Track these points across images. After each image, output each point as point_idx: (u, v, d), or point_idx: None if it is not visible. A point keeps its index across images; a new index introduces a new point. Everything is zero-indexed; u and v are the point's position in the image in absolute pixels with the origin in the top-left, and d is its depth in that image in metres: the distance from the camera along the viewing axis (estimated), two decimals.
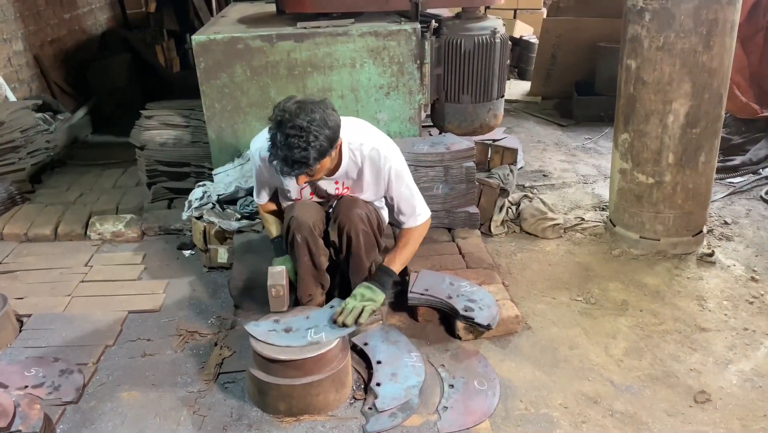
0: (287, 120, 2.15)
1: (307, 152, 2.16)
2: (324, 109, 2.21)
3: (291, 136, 2.14)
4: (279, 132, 2.16)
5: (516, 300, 2.94)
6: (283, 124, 2.16)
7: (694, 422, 2.29)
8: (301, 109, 2.17)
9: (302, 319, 2.46)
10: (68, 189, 4.30)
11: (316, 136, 2.16)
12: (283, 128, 2.15)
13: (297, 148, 2.14)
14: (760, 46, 4.46)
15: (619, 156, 3.38)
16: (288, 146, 2.15)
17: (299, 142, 2.14)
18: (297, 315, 2.49)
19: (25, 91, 5.12)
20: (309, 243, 2.52)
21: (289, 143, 2.14)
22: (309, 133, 2.14)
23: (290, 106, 2.18)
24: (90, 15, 6.47)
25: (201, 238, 3.27)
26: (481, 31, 3.51)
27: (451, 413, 2.30)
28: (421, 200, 2.59)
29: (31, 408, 2.19)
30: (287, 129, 2.14)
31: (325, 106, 2.24)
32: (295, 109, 2.17)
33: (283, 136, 2.15)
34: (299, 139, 2.14)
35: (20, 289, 3.20)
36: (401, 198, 2.54)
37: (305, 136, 2.14)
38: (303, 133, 2.14)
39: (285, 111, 2.17)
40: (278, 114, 2.19)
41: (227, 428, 2.28)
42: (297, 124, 2.14)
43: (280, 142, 2.16)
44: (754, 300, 2.98)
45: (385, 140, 2.51)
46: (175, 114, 4.00)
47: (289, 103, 2.20)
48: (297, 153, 2.15)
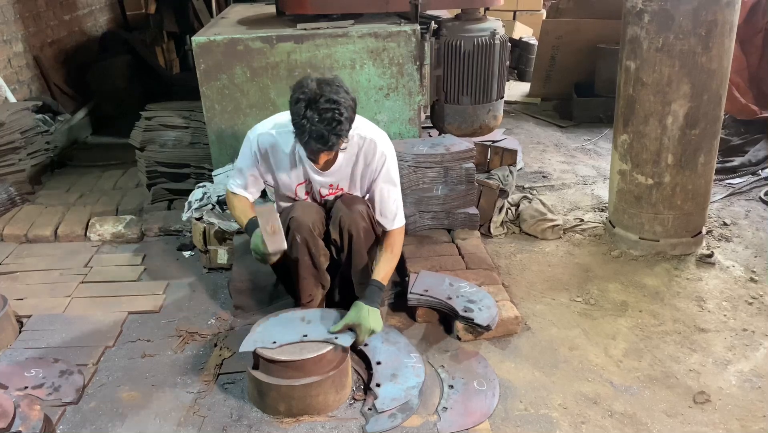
0: (318, 95, 2.18)
1: (341, 125, 2.20)
2: (343, 83, 2.27)
3: (325, 110, 2.17)
4: (309, 109, 2.17)
5: (515, 301, 2.94)
6: (313, 101, 2.17)
7: (694, 422, 2.30)
8: (326, 84, 2.21)
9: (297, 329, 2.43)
10: (68, 190, 4.30)
11: (345, 107, 2.21)
12: (314, 105, 2.17)
13: (334, 121, 2.18)
14: (759, 47, 4.47)
15: (618, 157, 3.38)
16: (323, 121, 2.17)
17: (335, 114, 2.18)
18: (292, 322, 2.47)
19: (25, 93, 5.12)
20: (309, 243, 2.52)
21: (323, 118, 2.17)
22: (341, 106, 2.19)
23: (312, 85, 2.21)
24: (90, 16, 6.48)
25: (201, 239, 3.27)
26: (480, 32, 3.52)
27: (451, 413, 2.30)
28: (401, 205, 2.59)
29: (31, 409, 2.19)
30: (321, 104, 2.17)
31: (341, 80, 2.29)
32: (318, 85, 2.21)
33: (316, 113, 2.17)
34: (335, 112, 2.17)
35: (20, 290, 3.20)
36: (388, 197, 2.52)
37: (338, 108, 2.18)
38: (335, 105, 2.18)
39: (310, 89, 2.20)
40: (303, 93, 2.20)
41: (227, 429, 2.28)
42: (329, 98, 2.18)
43: (312, 118, 2.17)
44: (753, 301, 2.98)
45: (384, 137, 2.52)
46: (175, 115, 4.01)
47: (310, 82, 2.22)
48: (335, 126, 2.19)
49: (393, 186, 2.54)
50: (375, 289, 2.44)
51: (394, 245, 2.56)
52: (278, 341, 2.33)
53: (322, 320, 2.45)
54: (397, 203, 2.56)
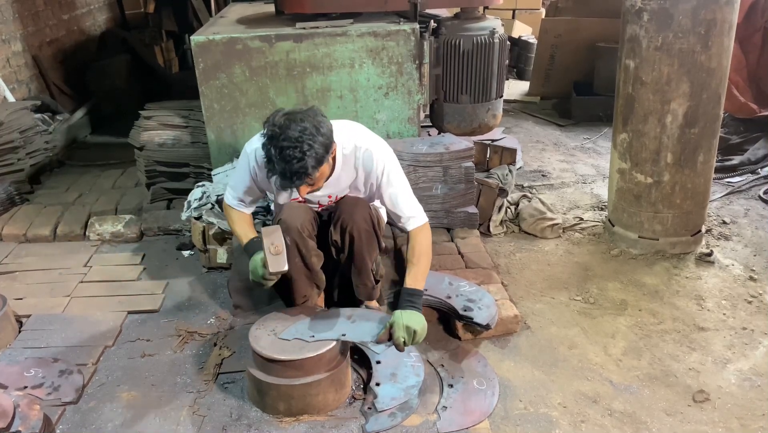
0: (278, 134, 2.14)
1: (304, 161, 2.15)
2: (314, 117, 2.21)
3: (285, 148, 2.13)
4: (272, 147, 2.15)
5: (515, 300, 2.94)
6: (275, 138, 2.15)
7: (693, 421, 2.30)
8: (291, 120, 2.17)
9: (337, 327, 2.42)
10: (67, 190, 4.30)
11: (310, 144, 2.15)
12: (276, 142, 2.14)
13: (294, 159, 2.13)
14: (758, 46, 4.47)
15: (617, 156, 3.38)
16: (284, 159, 2.13)
17: (294, 153, 2.13)
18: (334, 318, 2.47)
19: (23, 92, 5.11)
20: (298, 245, 2.50)
21: (284, 156, 2.13)
22: (303, 143, 2.13)
23: (279, 120, 2.17)
24: (89, 16, 6.47)
25: (200, 238, 3.27)
26: (479, 31, 3.52)
27: (451, 412, 2.30)
28: (415, 204, 2.52)
29: (30, 409, 2.19)
30: (281, 142, 2.13)
31: (314, 113, 2.23)
32: (284, 121, 2.16)
33: (278, 150, 2.14)
34: (294, 150, 2.13)
35: (19, 289, 3.20)
36: (396, 201, 2.48)
37: (299, 146, 2.13)
38: (297, 143, 2.13)
39: (275, 125, 2.16)
40: (269, 130, 2.17)
41: (227, 428, 2.28)
42: (289, 136, 2.13)
43: (275, 156, 2.15)
44: (753, 299, 2.98)
45: (377, 142, 2.47)
46: (174, 115, 4.00)
47: (278, 117, 2.18)
48: (294, 164, 2.14)
49: (398, 189, 2.48)
50: (405, 296, 2.36)
51: (418, 244, 2.46)
52: (316, 336, 2.34)
53: (366, 321, 2.44)
54: (408, 204, 2.49)
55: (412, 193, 2.53)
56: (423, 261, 2.45)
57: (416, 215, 2.50)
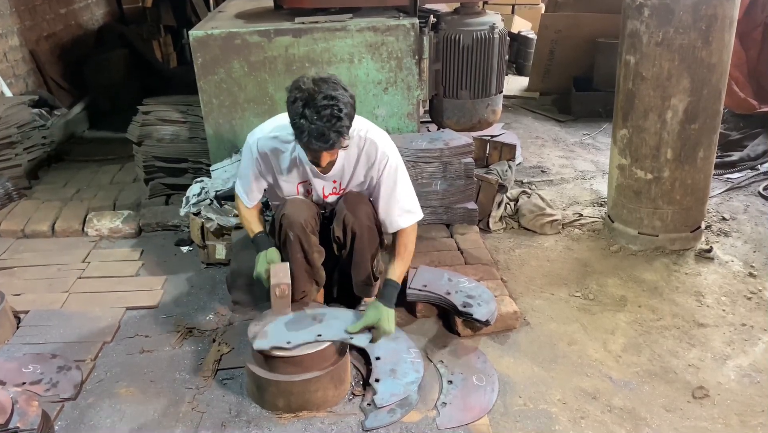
0: (313, 93, 2.13)
1: (341, 121, 2.15)
2: (340, 81, 2.23)
3: (324, 107, 2.12)
4: (307, 108, 2.14)
5: (514, 296, 2.94)
6: (311, 99, 2.13)
7: (693, 417, 2.30)
8: (322, 81, 2.17)
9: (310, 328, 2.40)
10: (65, 185, 4.29)
11: (344, 103, 2.16)
12: (312, 102, 2.13)
13: (334, 117, 2.13)
14: (759, 41, 4.46)
15: (617, 152, 3.37)
16: (322, 119, 2.13)
17: (335, 111, 2.13)
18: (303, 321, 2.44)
19: (21, 87, 5.09)
20: (301, 240, 2.50)
21: (322, 115, 2.12)
22: (339, 101, 2.14)
23: (308, 85, 2.17)
24: (86, 10, 6.44)
25: (199, 234, 3.27)
26: (479, 26, 3.51)
27: (450, 408, 2.30)
28: (412, 202, 2.53)
29: (29, 405, 2.18)
30: (320, 101, 2.12)
31: (336, 78, 2.24)
32: (315, 85, 2.16)
33: (314, 111, 2.12)
34: (334, 109, 2.13)
35: (17, 285, 3.19)
36: (394, 197, 2.48)
37: (337, 105, 2.14)
38: (334, 101, 2.13)
39: (305, 90, 2.15)
40: (301, 93, 2.15)
41: (226, 425, 2.28)
42: (329, 95, 2.13)
43: (311, 117, 2.13)
44: (752, 296, 2.98)
45: (384, 137, 2.48)
46: (173, 110, 3.99)
47: (307, 81, 2.18)
48: (335, 123, 2.14)
49: (399, 184, 2.48)
50: (392, 289, 2.41)
51: (407, 243, 2.50)
52: (293, 341, 2.29)
53: (335, 318, 2.42)
54: (406, 201, 2.50)
55: (411, 189, 2.53)
56: (408, 257, 2.51)
57: (415, 211, 2.53)
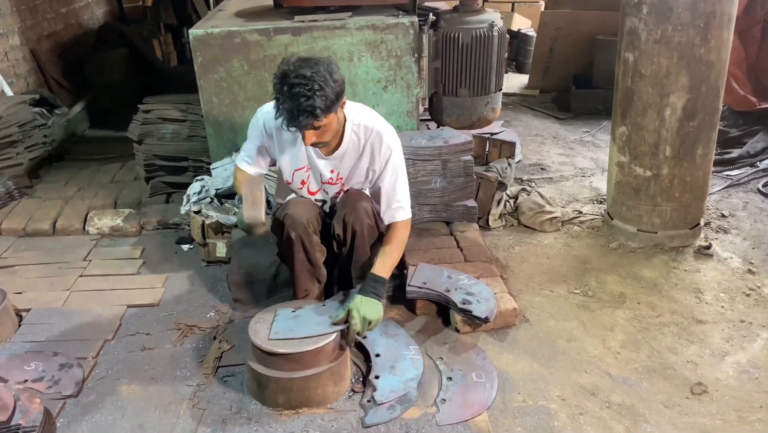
0: (290, 71, 2.15)
1: (313, 100, 2.13)
2: (328, 64, 2.21)
3: (295, 85, 2.12)
4: (283, 84, 2.15)
5: (514, 293, 2.95)
6: (286, 76, 2.15)
7: (691, 413, 2.31)
8: (305, 62, 2.18)
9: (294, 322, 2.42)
10: (66, 184, 4.29)
11: (321, 85, 2.14)
12: (287, 79, 2.14)
13: (303, 96, 2.13)
14: (758, 39, 4.47)
15: (616, 149, 3.38)
16: (293, 96, 2.13)
17: (304, 90, 2.12)
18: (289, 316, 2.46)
19: (22, 86, 5.10)
20: (303, 240, 2.51)
21: (294, 93, 2.12)
22: (314, 82, 2.13)
23: (292, 60, 2.19)
24: (86, 9, 6.44)
25: (199, 232, 3.28)
26: (478, 24, 3.51)
27: (450, 405, 2.31)
28: (407, 198, 2.55)
29: (31, 402, 2.20)
30: (291, 79, 2.13)
31: (329, 61, 2.23)
32: (297, 62, 2.18)
33: (288, 87, 2.13)
34: (304, 88, 2.12)
35: (19, 283, 3.20)
36: (393, 191, 2.50)
37: (309, 84, 2.12)
38: (307, 81, 2.12)
39: (288, 64, 2.18)
40: (281, 69, 2.18)
41: (227, 421, 2.29)
42: (301, 74, 2.13)
43: (285, 93, 2.14)
44: (751, 292, 2.99)
45: (390, 130, 2.49)
46: (173, 108, 4.00)
47: (292, 59, 2.20)
48: (303, 102, 2.13)
49: (398, 180, 2.50)
50: (371, 282, 2.41)
51: (396, 238, 2.51)
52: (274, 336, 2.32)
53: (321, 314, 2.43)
54: (402, 196, 2.52)
55: (407, 186, 2.56)
56: (396, 253, 2.51)
57: (406, 208, 2.54)
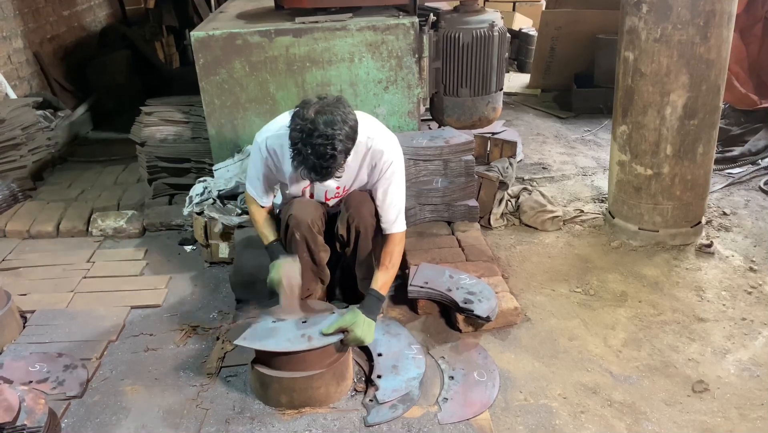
0: (310, 129, 2.15)
1: (335, 159, 2.18)
2: (343, 110, 2.22)
3: (318, 145, 2.14)
4: (303, 142, 2.16)
5: (515, 292, 2.96)
6: (307, 134, 2.15)
7: (692, 411, 2.31)
8: (321, 113, 2.17)
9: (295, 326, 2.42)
10: (70, 186, 4.31)
11: (341, 140, 2.17)
12: (308, 139, 2.15)
13: (326, 156, 2.16)
14: (759, 37, 4.46)
15: (617, 148, 3.39)
16: (316, 155, 2.16)
17: (327, 150, 2.15)
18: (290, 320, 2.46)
19: (25, 89, 5.13)
20: (308, 240, 2.53)
21: (317, 152, 2.15)
22: (335, 140, 2.15)
23: (309, 115, 2.18)
24: (89, 12, 6.47)
25: (202, 233, 3.29)
26: (479, 24, 3.52)
27: (451, 404, 2.32)
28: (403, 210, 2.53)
29: (36, 403, 2.21)
30: (314, 139, 2.14)
31: (343, 105, 2.24)
32: (314, 116, 2.17)
33: (310, 147, 2.15)
34: (327, 147, 2.15)
35: (23, 285, 3.22)
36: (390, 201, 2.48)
37: (332, 143, 2.15)
38: (329, 140, 2.15)
39: (305, 120, 2.17)
40: (298, 124, 2.18)
41: (230, 421, 2.30)
42: (323, 133, 2.14)
43: (306, 152, 2.17)
44: (753, 290, 2.99)
45: (391, 140, 2.48)
46: (175, 110, 4.01)
47: (309, 112, 2.19)
48: (326, 161, 2.17)
49: (396, 190, 2.48)
50: (374, 300, 2.40)
51: (393, 252, 2.48)
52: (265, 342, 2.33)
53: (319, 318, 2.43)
54: (399, 208, 2.50)
55: (404, 199, 2.54)
56: (394, 269, 2.49)
57: (402, 220, 2.52)
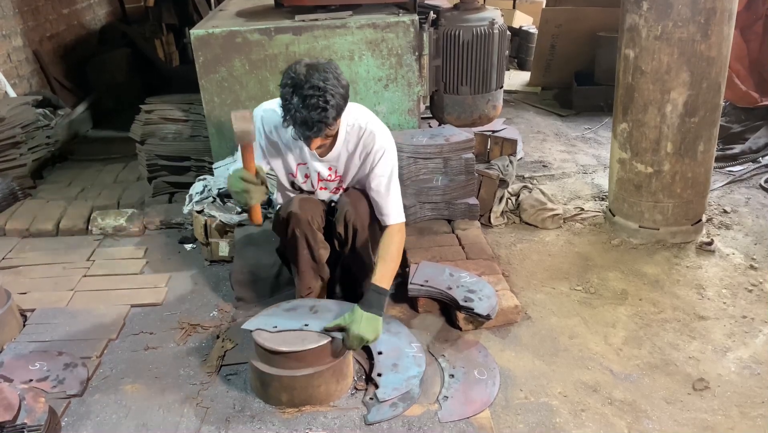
0: (301, 81, 2.13)
1: (326, 112, 2.15)
2: (334, 69, 2.21)
3: (309, 97, 2.12)
4: (295, 95, 2.14)
5: (516, 290, 2.96)
6: (299, 86, 2.13)
7: (693, 409, 2.31)
8: (314, 69, 2.16)
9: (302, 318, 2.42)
10: (70, 184, 4.31)
11: (332, 94, 2.15)
12: (299, 90, 2.13)
13: (317, 108, 2.13)
14: (760, 34, 4.45)
15: (618, 146, 3.38)
16: (307, 107, 2.13)
17: (318, 102, 2.12)
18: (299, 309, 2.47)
19: (25, 87, 5.12)
20: (308, 237, 2.53)
21: (308, 104, 2.13)
22: (326, 92, 2.13)
23: (301, 69, 2.16)
24: (89, 10, 6.46)
25: (202, 231, 3.29)
26: (479, 22, 3.51)
27: (452, 402, 2.32)
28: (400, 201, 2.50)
29: (36, 401, 2.21)
30: (305, 90, 2.12)
31: (334, 66, 2.23)
32: (307, 71, 2.16)
33: (301, 99, 2.13)
34: (318, 99, 2.12)
35: (23, 284, 3.22)
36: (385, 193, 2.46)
37: (323, 96, 2.13)
38: (321, 92, 2.12)
39: (297, 73, 2.16)
40: (290, 78, 2.16)
41: (230, 420, 2.30)
42: (314, 84, 2.12)
43: (297, 104, 2.14)
44: (753, 288, 2.99)
45: (384, 130, 2.48)
46: (175, 108, 4.01)
47: (300, 66, 2.18)
48: (317, 114, 2.14)
49: (390, 181, 2.47)
50: (374, 294, 2.33)
51: (391, 244, 2.45)
52: (279, 326, 2.34)
53: (327, 312, 2.44)
54: (395, 199, 2.48)
55: (399, 190, 2.52)
56: (395, 261, 2.44)
57: (399, 212, 2.50)
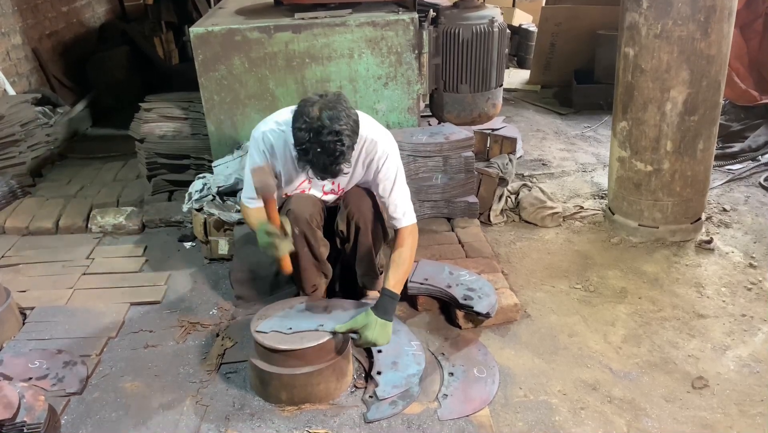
0: (319, 127, 2.15)
1: (344, 155, 2.20)
2: (345, 104, 2.24)
3: (328, 143, 2.16)
4: (313, 142, 2.17)
5: (515, 289, 2.96)
6: (317, 133, 2.16)
7: (692, 407, 2.32)
8: (327, 109, 2.18)
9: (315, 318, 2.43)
10: (69, 182, 4.31)
11: (348, 135, 2.19)
12: (317, 137, 2.16)
13: (335, 153, 2.18)
14: (759, 32, 4.45)
15: (617, 144, 3.38)
16: (326, 153, 2.17)
17: (337, 146, 2.17)
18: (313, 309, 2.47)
19: (24, 85, 5.11)
20: (307, 235, 2.53)
21: (327, 150, 2.17)
22: (342, 135, 2.17)
23: (315, 113, 2.17)
24: (88, 7, 6.45)
25: (201, 230, 3.29)
26: (478, 20, 3.51)
27: (451, 400, 2.32)
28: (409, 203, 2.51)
29: (35, 400, 2.21)
30: (323, 137, 2.15)
31: (343, 99, 2.25)
32: (320, 113, 2.17)
33: (319, 145, 2.16)
34: (336, 144, 2.16)
35: (23, 282, 3.22)
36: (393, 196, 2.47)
37: (341, 140, 2.17)
38: (338, 137, 2.16)
39: (312, 118, 2.17)
40: (305, 123, 2.17)
41: (230, 418, 2.30)
42: (331, 130, 2.15)
43: (315, 150, 2.18)
44: (752, 286, 2.99)
45: (385, 136, 2.47)
46: (174, 106, 4.01)
47: (313, 110, 2.18)
48: (337, 157, 2.19)
49: (396, 184, 2.47)
50: (387, 299, 2.35)
51: (405, 247, 2.45)
52: (294, 327, 2.34)
53: (342, 312, 2.43)
54: (403, 201, 2.48)
55: (407, 192, 2.52)
56: (407, 264, 2.45)
57: (409, 213, 2.50)
